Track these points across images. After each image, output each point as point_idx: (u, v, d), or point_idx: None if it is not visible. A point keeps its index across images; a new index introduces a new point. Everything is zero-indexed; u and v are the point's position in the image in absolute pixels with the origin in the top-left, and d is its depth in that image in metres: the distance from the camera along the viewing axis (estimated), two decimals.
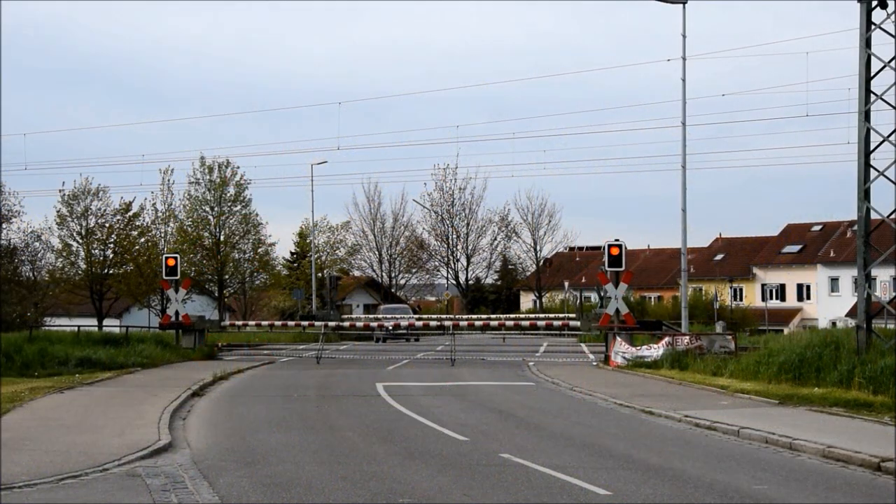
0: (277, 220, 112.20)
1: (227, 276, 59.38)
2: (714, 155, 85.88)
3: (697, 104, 76.00)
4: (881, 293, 57.30)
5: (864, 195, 23.04)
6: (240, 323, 39.99)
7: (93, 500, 11.07)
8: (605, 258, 31.74)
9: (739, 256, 79.11)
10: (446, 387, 24.67)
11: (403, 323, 37.83)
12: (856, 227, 24.95)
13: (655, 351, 29.82)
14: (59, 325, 43.99)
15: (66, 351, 28.94)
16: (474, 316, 53.83)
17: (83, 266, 54.92)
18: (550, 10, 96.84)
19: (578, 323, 34.27)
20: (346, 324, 38.35)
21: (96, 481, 12.11)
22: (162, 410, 18.58)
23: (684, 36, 31.99)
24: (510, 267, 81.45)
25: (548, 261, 79.77)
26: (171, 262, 37.05)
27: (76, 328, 37.17)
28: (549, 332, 35.79)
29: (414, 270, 77.76)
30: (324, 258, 68.73)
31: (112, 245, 55.55)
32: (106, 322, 54.29)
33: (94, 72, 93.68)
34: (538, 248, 76.65)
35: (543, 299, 78.61)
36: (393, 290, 75.12)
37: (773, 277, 76.02)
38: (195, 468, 13.07)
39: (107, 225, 55.96)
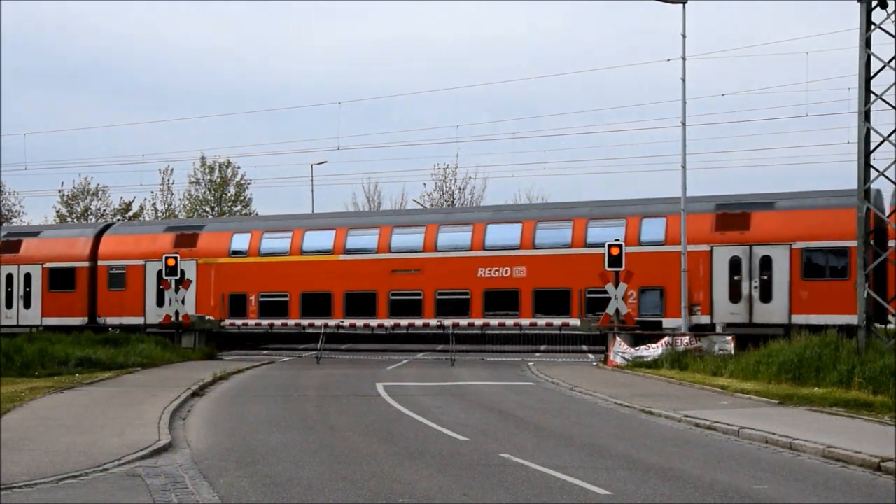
0: None
1: None
2: (714, 155, 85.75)
3: (697, 104, 75.83)
4: None
5: (864, 195, 23.05)
6: (240, 322, 39.99)
7: (93, 500, 11.07)
8: (606, 258, 31.74)
9: None
10: (446, 387, 24.66)
11: (403, 323, 37.79)
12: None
13: (655, 351, 29.83)
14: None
15: (66, 351, 28.95)
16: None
17: None
18: (550, 10, 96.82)
19: (578, 322, 34.23)
20: (347, 323, 38.28)
21: (96, 481, 12.11)
22: (162, 410, 18.58)
23: (684, 36, 31.98)
24: None
25: None
26: (171, 262, 36.99)
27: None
28: (549, 331, 35.72)
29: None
30: None
31: None
32: None
33: (94, 72, 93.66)
34: None
35: None
36: None
37: None
38: (195, 468, 13.07)
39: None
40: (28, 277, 41.70)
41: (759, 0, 78.29)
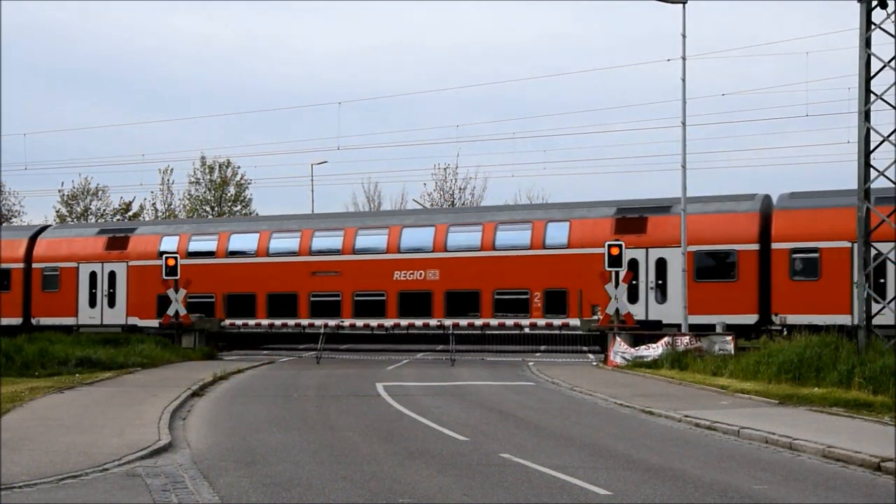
0: None
1: None
2: (714, 155, 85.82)
3: (697, 104, 75.95)
4: None
5: (864, 195, 23.05)
6: (240, 323, 40.00)
7: (93, 500, 11.07)
8: (606, 258, 31.74)
9: None
10: (446, 387, 24.66)
11: (403, 323, 37.81)
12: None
13: (655, 351, 29.82)
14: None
15: (66, 351, 28.95)
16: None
17: None
18: (550, 11, 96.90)
19: (578, 322, 34.25)
20: (347, 323, 38.28)
21: (96, 481, 12.11)
22: (162, 410, 18.58)
23: (684, 36, 31.98)
24: None
25: None
26: (171, 262, 36.98)
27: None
28: (549, 331, 35.77)
29: None
30: None
31: None
32: None
33: (94, 72, 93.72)
34: None
35: None
36: None
37: None
38: (195, 468, 13.07)
39: None
40: None
41: (759, 0, 78.36)
